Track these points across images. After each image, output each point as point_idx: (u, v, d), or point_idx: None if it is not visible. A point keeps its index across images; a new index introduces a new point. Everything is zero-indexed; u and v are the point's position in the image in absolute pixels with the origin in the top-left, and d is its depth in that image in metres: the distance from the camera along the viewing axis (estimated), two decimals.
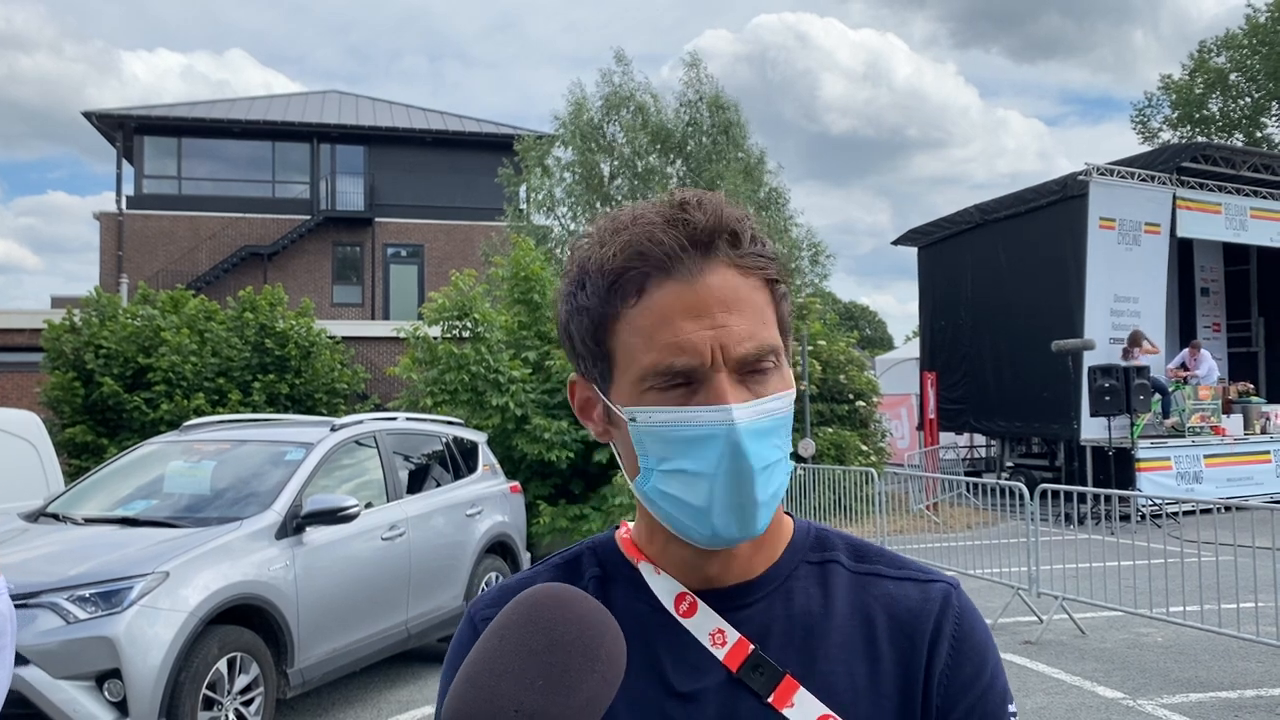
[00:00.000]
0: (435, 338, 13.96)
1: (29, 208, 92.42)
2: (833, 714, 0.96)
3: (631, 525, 1.09)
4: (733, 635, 0.99)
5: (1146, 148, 29.96)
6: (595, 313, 0.96)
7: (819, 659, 0.99)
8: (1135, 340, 14.77)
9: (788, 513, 1.10)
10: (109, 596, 4.96)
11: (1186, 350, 16.38)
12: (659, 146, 22.87)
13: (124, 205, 28.23)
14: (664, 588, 1.02)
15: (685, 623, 1.00)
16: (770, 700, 0.97)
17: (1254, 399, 16.56)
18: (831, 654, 1.00)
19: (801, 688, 0.97)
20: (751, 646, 0.98)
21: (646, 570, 1.03)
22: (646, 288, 0.93)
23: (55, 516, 6.27)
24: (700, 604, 1.00)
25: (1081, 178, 14.83)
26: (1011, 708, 1.03)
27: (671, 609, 1.01)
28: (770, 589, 1.02)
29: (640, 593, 1.03)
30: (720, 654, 0.98)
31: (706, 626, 0.99)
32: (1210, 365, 16.05)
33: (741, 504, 0.94)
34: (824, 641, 1.00)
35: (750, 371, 0.95)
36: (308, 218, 28.41)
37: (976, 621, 1.05)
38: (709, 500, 0.93)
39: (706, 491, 0.93)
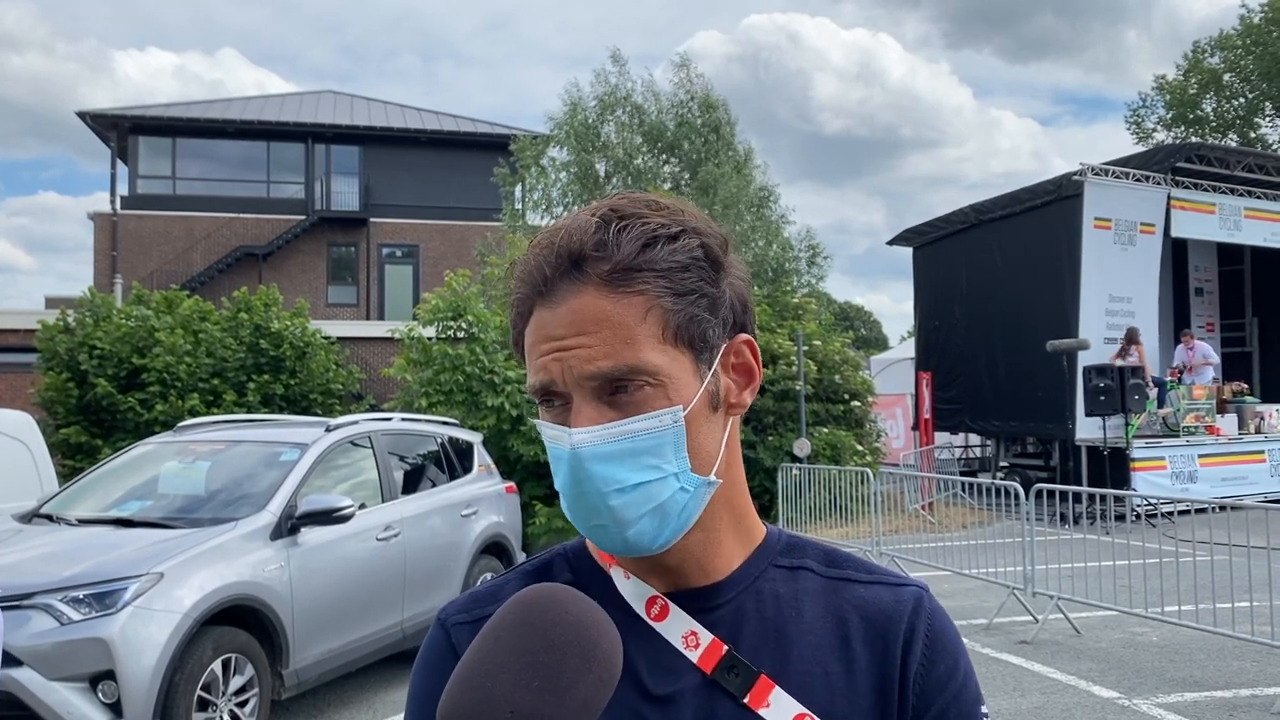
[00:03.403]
0: (430, 338, 13.95)
1: (21, 208, 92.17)
2: (809, 713, 0.97)
3: None
4: (706, 637, 0.99)
5: (1141, 148, 30.04)
6: (514, 325, 1.01)
7: (792, 659, 1.00)
8: (1131, 338, 14.79)
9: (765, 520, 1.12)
10: (103, 598, 4.95)
11: (1180, 345, 16.41)
12: (655, 146, 22.88)
13: (118, 205, 28.19)
14: (634, 592, 1.02)
15: (657, 626, 1.00)
16: (746, 700, 0.97)
17: (1248, 399, 16.60)
18: (805, 654, 1.00)
19: (777, 687, 0.98)
20: (725, 648, 0.99)
21: (617, 575, 1.03)
22: (532, 309, 0.97)
23: (49, 517, 6.25)
24: (672, 607, 1.01)
25: (1076, 178, 14.85)
26: (984, 709, 1.04)
27: (642, 613, 1.01)
28: (740, 589, 1.02)
29: (612, 598, 1.02)
30: (694, 656, 0.99)
31: (679, 629, 1.00)
32: (1206, 350, 16.12)
33: (609, 526, 0.95)
34: (797, 642, 1.01)
35: (616, 392, 0.94)
36: (302, 218, 28.37)
37: (948, 624, 1.06)
38: (574, 516, 0.97)
39: (569, 507, 0.97)
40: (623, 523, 0.94)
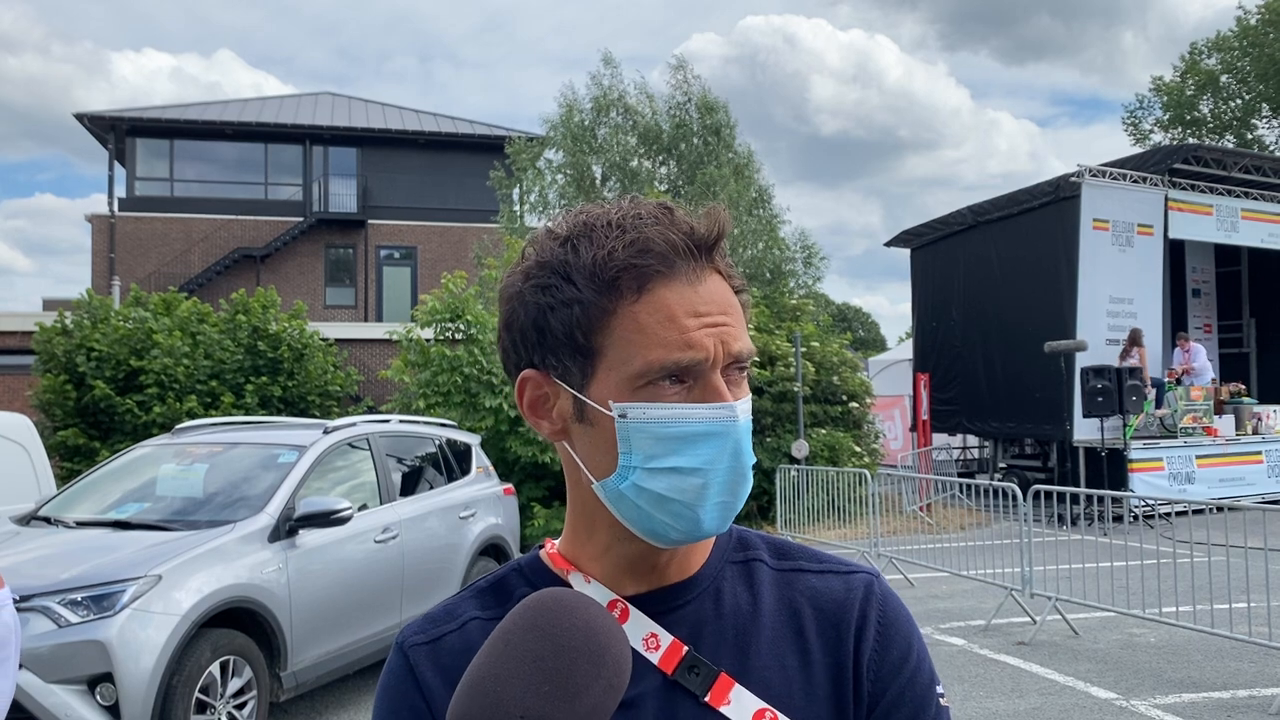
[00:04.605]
0: (428, 340, 13.94)
1: (19, 210, 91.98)
2: (769, 707, 0.97)
3: (556, 541, 1.09)
4: (666, 638, 0.99)
5: (1138, 149, 30.11)
6: (589, 306, 0.94)
7: (751, 655, 1.00)
8: (1134, 339, 14.81)
9: None
10: (101, 600, 4.94)
11: (1177, 348, 16.44)
12: (650, 148, 22.86)
13: (116, 207, 28.17)
14: (595, 596, 1.01)
15: None
16: (707, 699, 0.97)
17: (1246, 399, 16.62)
18: (763, 650, 1.01)
19: (737, 684, 0.98)
20: (685, 648, 0.99)
21: (576, 581, 1.03)
22: (649, 285, 0.94)
23: (47, 520, 6.24)
24: (632, 610, 1.00)
25: (1074, 179, 14.87)
26: (939, 689, 1.05)
27: None
28: (701, 589, 1.03)
29: None
30: (654, 658, 0.99)
31: (639, 632, 1.00)
32: (1200, 359, 16.15)
33: (731, 501, 0.96)
34: (755, 638, 1.01)
35: (733, 373, 0.97)
36: (300, 220, 28.37)
37: (900, 608, 1.07)
38: (700, 497, 0.94)
39: (699, 488, 0.94)
40: (740, 498, 0.97)
